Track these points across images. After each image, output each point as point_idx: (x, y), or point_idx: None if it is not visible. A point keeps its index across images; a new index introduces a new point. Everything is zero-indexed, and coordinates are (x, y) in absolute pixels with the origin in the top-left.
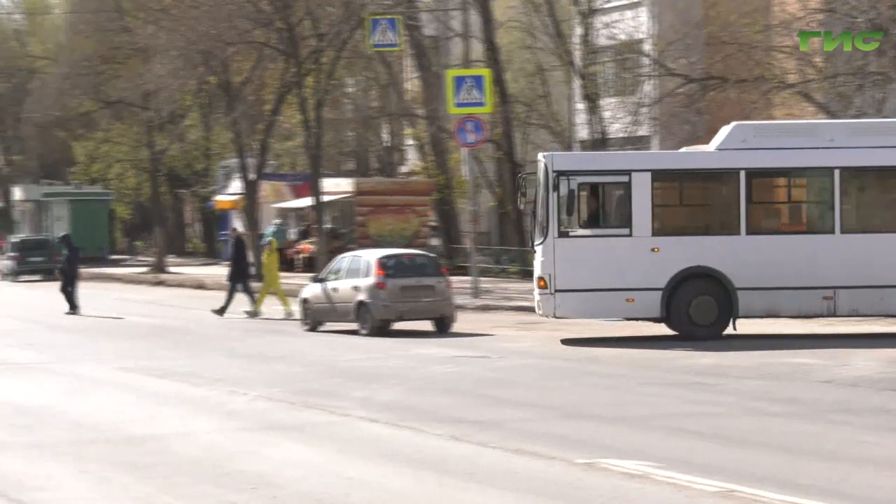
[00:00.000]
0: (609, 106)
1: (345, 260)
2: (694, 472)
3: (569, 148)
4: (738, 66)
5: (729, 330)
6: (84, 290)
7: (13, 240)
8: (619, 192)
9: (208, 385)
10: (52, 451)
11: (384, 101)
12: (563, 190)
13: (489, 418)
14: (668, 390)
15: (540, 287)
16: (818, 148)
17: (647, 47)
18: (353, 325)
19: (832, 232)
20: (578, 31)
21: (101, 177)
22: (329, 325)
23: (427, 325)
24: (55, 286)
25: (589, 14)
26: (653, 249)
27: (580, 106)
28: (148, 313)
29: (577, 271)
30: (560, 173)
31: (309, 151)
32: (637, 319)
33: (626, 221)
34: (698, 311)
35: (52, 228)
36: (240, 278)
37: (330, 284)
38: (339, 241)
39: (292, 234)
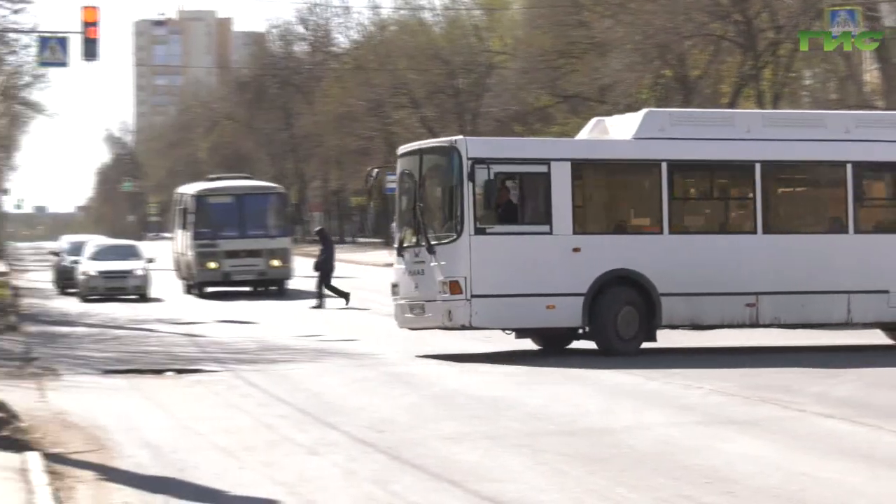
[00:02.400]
0: None
1: None
2: None
3: None
4: None
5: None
6: None
7: None
8: (538, 184)
9: (663, 378)
10: (508, 443)
11: (842, 93)
12: (480, 180)
13: None
14: None
15: (452, 292)
16: (739, 139)
17: None
18: None
19: (754, 232)
20: None
21: None
22: None
23: None
24: None
25: None
26: (574, 249)
27: None
28: None
29: (495, 274)
30: (476, 161)
31: None
32: (558, 330)
33: (545, 217)
34: (624, 321)
35: None
36: None
37: None
38: None
39: None
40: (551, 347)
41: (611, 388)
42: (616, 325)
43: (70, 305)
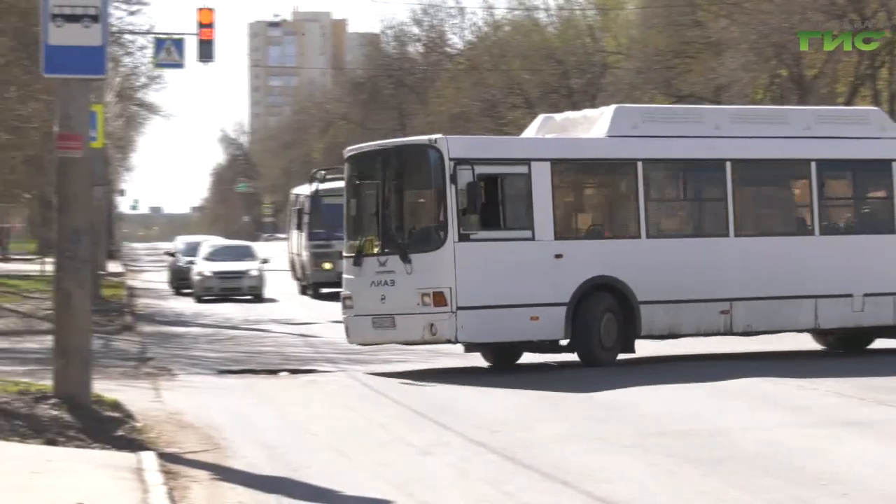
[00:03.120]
0: None
1: None
2: None
3: None
4: None
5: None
6: None
7: None
8: (520, 186)
9: (777, 380)
10: (621, 444)
11: None
12: (463, 183)
13: None
14: None
15: (435, 304)
16: (710, 137)
17: None
18: None
19: (727, 235)
20: None
21: None
22: None
23: None
24: None
25: None
26: (556, 256)
27: None
28: None
29: (480, 283)
30: (458, 162)
31: None
32: (542, 343)
33: (528, 222)
34: (606, 330)
35: None
36: None
37: None
38: None
39: None
40: (501, 362)
41: (724, 390)
42: (600, 335)
43: (185, 306)
